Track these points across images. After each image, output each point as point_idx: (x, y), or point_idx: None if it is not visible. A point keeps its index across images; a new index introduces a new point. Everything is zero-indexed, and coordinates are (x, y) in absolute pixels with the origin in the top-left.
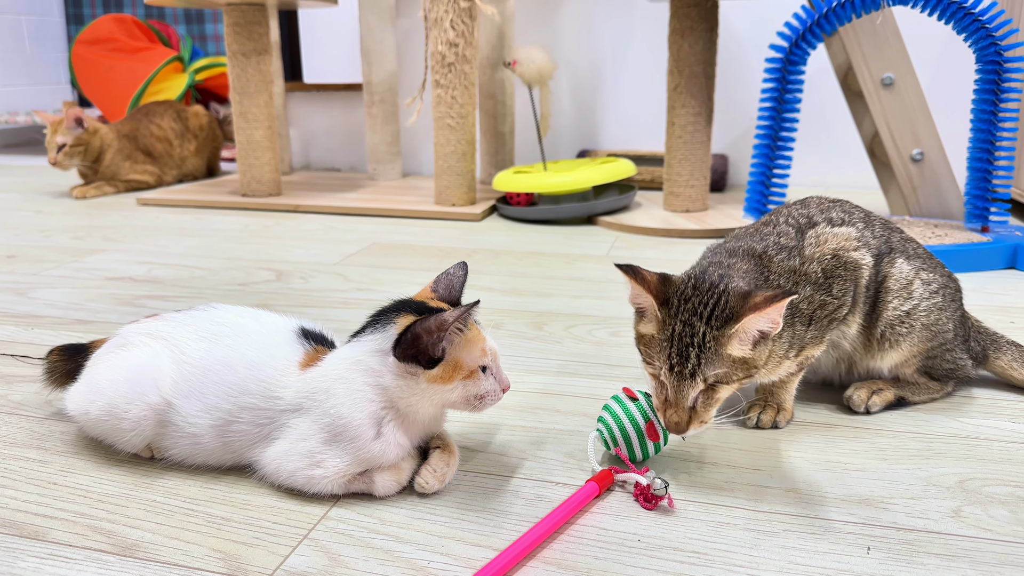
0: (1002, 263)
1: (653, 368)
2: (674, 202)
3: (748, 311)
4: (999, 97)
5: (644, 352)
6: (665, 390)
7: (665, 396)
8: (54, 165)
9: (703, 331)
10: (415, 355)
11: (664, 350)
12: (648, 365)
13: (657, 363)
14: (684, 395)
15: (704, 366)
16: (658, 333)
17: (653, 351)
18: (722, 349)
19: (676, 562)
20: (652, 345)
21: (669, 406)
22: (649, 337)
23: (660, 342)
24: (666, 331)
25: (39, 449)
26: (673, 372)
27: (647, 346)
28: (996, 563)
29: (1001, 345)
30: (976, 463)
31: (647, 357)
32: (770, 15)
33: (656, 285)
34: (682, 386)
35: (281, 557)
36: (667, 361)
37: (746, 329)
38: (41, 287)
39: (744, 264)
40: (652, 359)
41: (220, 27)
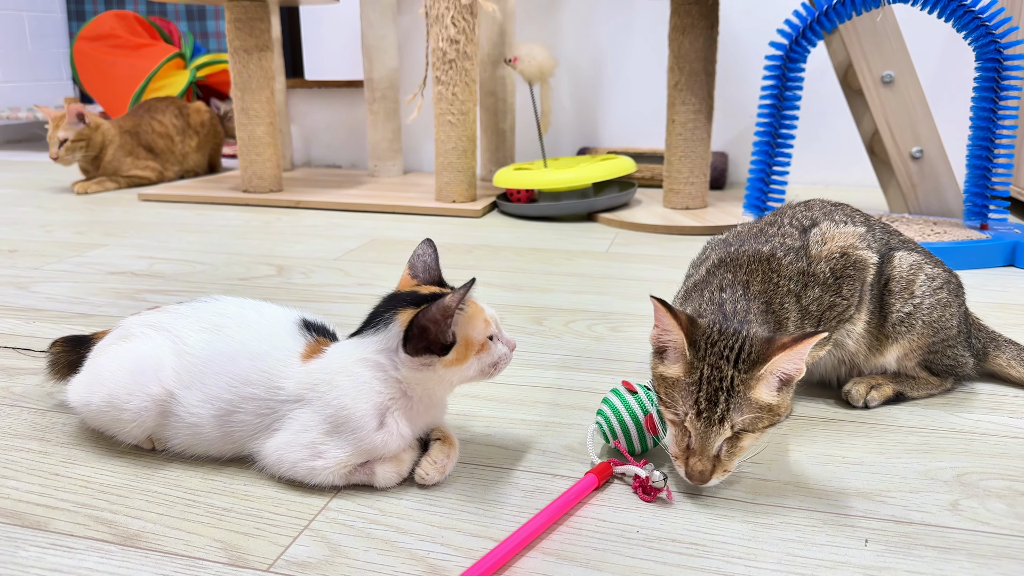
0: (1001, 260)
1: (675, 413)
2: (674, 199)
3: (776, 351)
4: (999, 95)
5: (665, 395)
6: (687, 437)
7: (687, 443)
8: (55, 160)
9: (731, 375)
10: (427, 346)
11: (691, 394)
12: (668, 409)
13: (681, 408)
14: (711, 443)
15: (732, 411)
16: (685, 376)
17: (677, 395)
18: (750, 393)
19: (674, 553)
20: (676, 388)
21: (693, 454)
22: (673, 380)
23: (687, 386)
24: (694, 374)
25: (41, 440)
26: (701, 418)
27: (669, 389)
28: (993, 556)
29: (1000, 343)
30: (974, 457)
31: (668, 401)
32: (770, 13)
33: (687, 324)
34: (709, 433)
35: (282, 547)
36: (694, 406)
37: (773, 371)
38: (43, 281)
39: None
40: (675, 403)
41: (222, 24)
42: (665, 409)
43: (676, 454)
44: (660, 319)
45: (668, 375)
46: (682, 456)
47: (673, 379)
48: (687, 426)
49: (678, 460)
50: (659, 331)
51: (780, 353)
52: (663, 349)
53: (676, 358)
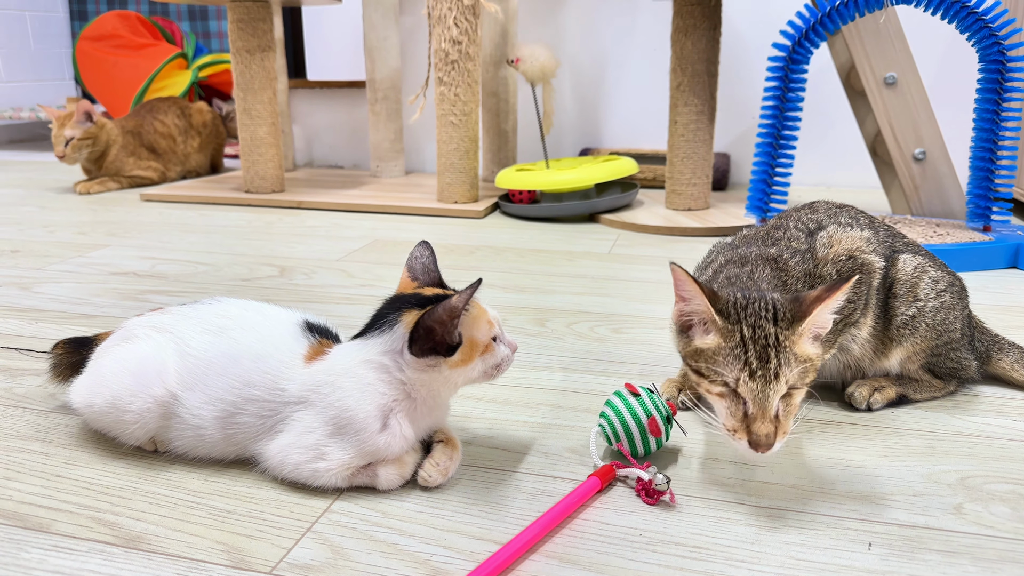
0: (1004, 262)
1: (723, 382)
2: (676, 200)
3: (814, 304)
4: (1002, 96)
5: (706, 369)
6: (742, 404)
7: (744, 411)
8: (61, 159)
9: (774, 332)
10: (433, 347)
11: (738, 357)
12: (712, 383)
13: (731, 374)
14: (770, 402)
15: (784, 367)
16: (724, 341)
17: (721, 363)
18: (795, 348)
19: (678, 556)
20: (718, 356)
21: (754, 420)
22: (712, 350)
23: (730, 350)
24: (733, 337)
25: (43, 442)
26: (756, 377)
27: (709, 361)
28: (997, 560)
29: (1003, 346)
30: (978, 460)
31: (711, 373)
32: (773, 14)
33: (709, 291)
34: (767, 392)
35: (284, 550)
36: (745, 367)
37: (814, 323)
38: (45, 282)
39: (765, 271)
40: (721, 372)
41: (224, 24)
42: (709, 383)
43: (734, 427)
44: (681, 286)
45: (704, 346)
46: (741, 426)
47: (712, 349)
48: (741, 391)
49: (737, 432)
50: (681, 303)
51: (818, 306)
52: (688, 325)
53: (707, 328)
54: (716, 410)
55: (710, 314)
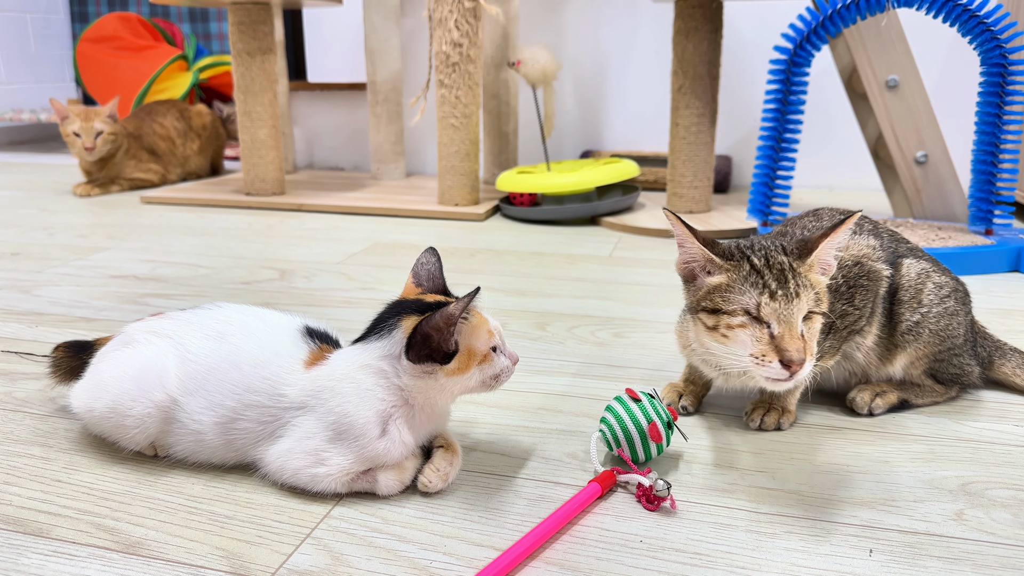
0: (1006, 266)
1: (742, 310)
2: (678, 203)
3: (820, 239)
4: (1003, 100)
5: (723, 301)
6: (765, 328)
7: (769, 334)
8: (90, 150)
9: (787, 260)
10: (429, 354)
11: (755, 284)
12: (732, 315)
13: (750, 299)
14: (795, 319)
15: (801, 288)
16: (735, 273)
17: (737, 290)
18: (808, 275)
19: (678, 563)
20: (733, 286)
21: (782, 337)
22: (724, 284)
23: (743, 278)
24: (743, 267)
25: (43, 446)
26: (776, 297)
27: (724, 293)
28: (998, 566)
29: (1006, 352)
30: (979, 466)
31: (727, 304)
32: (775, 16)
33: (704, 238)
34: (791, 308)
35: (284, 556)
36: (764, 290)
37: (820, 259)
38: (45, 284)
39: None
40: (739, 299)
41: (224, 26)
42: (729, 317)
43: (762, 351)
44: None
45: (715, 282)
46: (769, 346)
47: (724, 282)
48: (763, 313)
49: (767, 356)
50: (680, 250)
51: (824, 241)
52: (692, 273)
53: (711, 268)
54: (735, 349)
55: (706, 255)
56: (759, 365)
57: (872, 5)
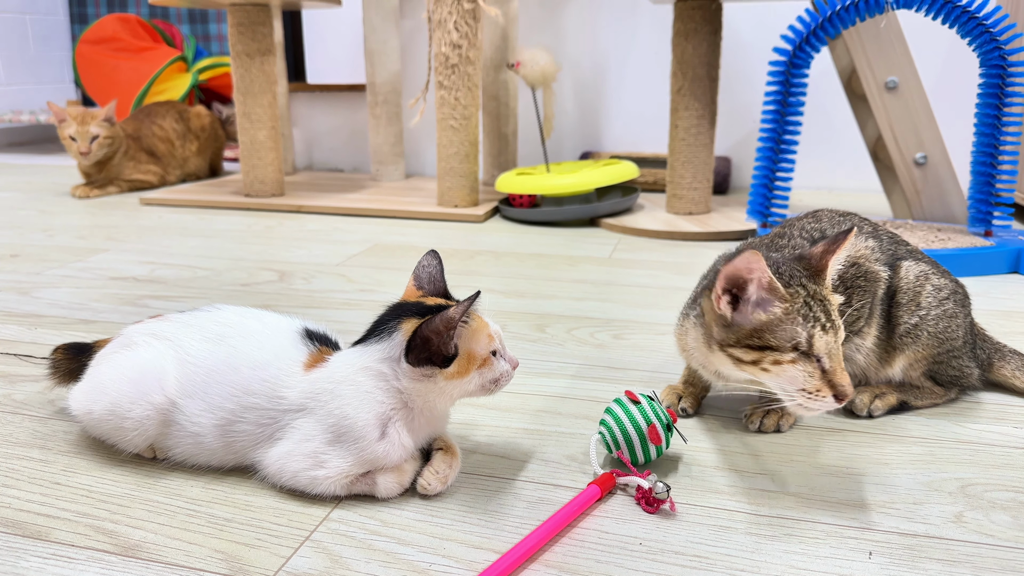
0: (1005, 267)
1: (792, 347)
2: (677, 204)
3: (825, 256)
4: (1003, 101)
5: (774, 339)
6: (817, 362)
7: (821, 368)
8: (85, 155)
9: (815, 288)
10: (428, 357)
11: (806, 316)
12: (782, 351)
13: (802, 333)
14: (841, 352)
15: (837, 317)
16: (791, 303)
17: (788, 327)
18: (832, 299)
19: (677, 566)
20: (785, 322)
21: (834, 372)
22: (776, 318)
23: (797, 310)
24: (797, 299)
25: (42, 449)
26: (827, 331)
27: (775, 330)
28: (998, 568)
29: (1005, 354)
30: (978, 468)
31: (778, 342)
32: (774, 18)
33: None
34: (837, 340)
35: (283, 558)
36: (815, 324)
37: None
38: (44, 287)
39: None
40: (791, 335)
41: (224, 27)
42: (778, 354)
43: (816, 386)
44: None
45: (768, 317)
46: (823, 382)
47: (778, 317)
48: (815, 347)
49: (820, 392)
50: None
51: (830, 258)
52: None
53: (765, 301)
54: (780, 383)
55: (774, 283)
56: (812, 399)
57: (871, 6)
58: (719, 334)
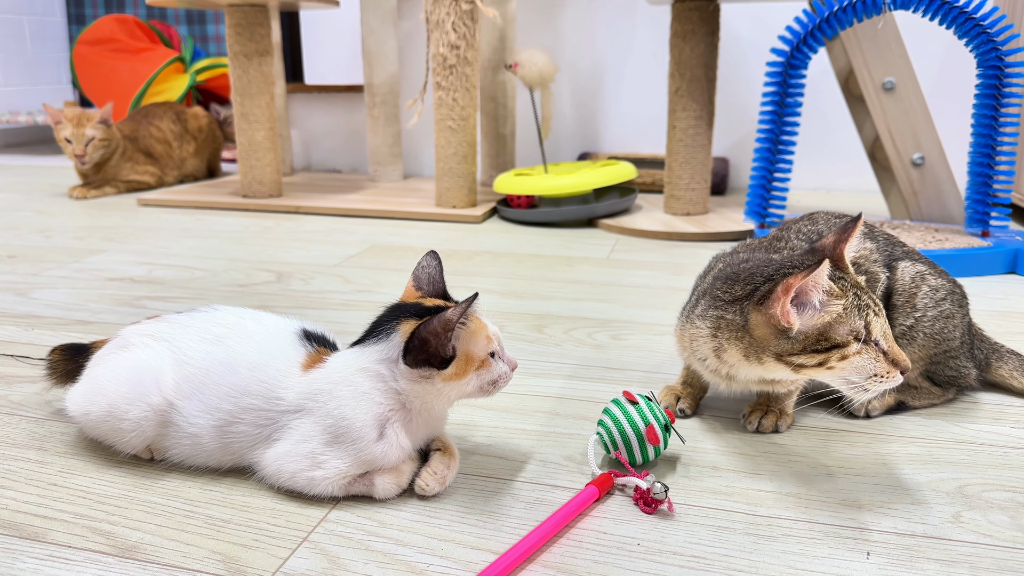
0: (1003, 268)
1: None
2: (675, 205)
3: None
4: (1000, 102)
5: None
6: (876, 346)
7: (882, 350)
8: (81, 157)
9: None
10: (426, 359)
11: (859, 307)
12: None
13: (860, 322)
14: (889, 328)
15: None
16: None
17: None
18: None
19: (676, 566)
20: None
21: (894, 351)
22: (839, 315)
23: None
24: (848, 294)
25: (39, 450)
26: (878, 314)
27: (838, 326)
28: (996, 568)
29: (1003, 354)
30: (976, 468)
31: (843, 338)
32: (772, 19)
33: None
34: (885, 320)
35: (281, 559)
36: (869, 310)
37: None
38: (41, 287)
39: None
40: (853, 328)
41: (222, 28)
42: (844, 350)
43: (886, 369)
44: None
45: (832, 315)
46: (887, 362)
47: (840, 313)
48: (873, 332)
49: (890, 373)
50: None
51: (843, 246)
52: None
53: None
54: (848, 376)
55: (831, 286)
56: (881, 383)
57: (869, 7)
58: (778, 346)
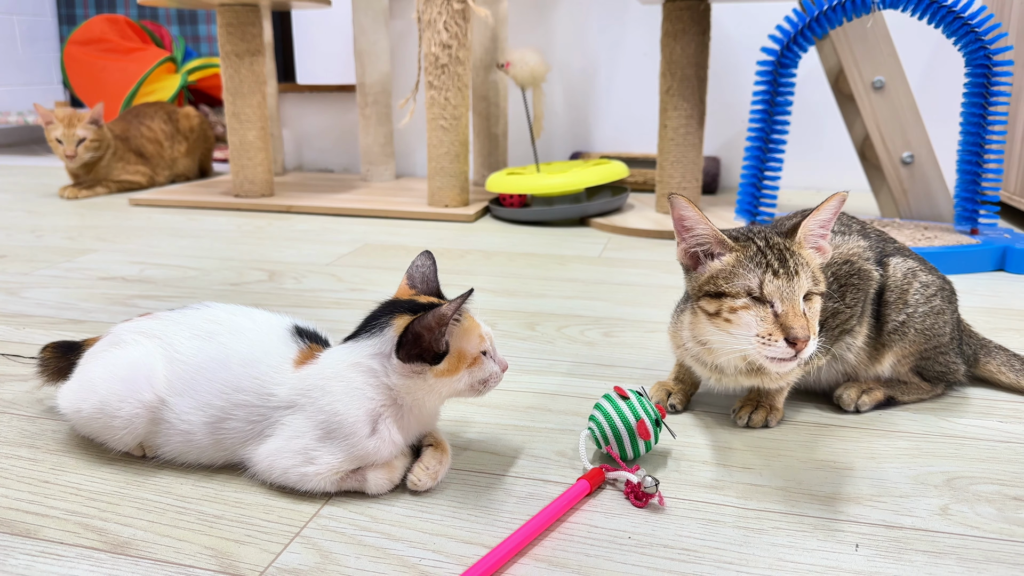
0: (991, 265)
1: (745, 291)
2: (666, 204)
3: (807, 214)
4: (988, 100)
5: (726, 285)
6: (769, 307)
7: (773, 314)
8: (71, 158)
9: (783, 241)
10: (419, 354)
11: (758, 264)
12: (734, 298)
13: (754, 279)
14: (796, 297)
15: (800, 267)
16: (742, 253)
17: (740, 273)
18: (802, 253)
19: (666, 559)
20: (737, 268)
21: (786, 315)
22: (729, 266)
23: (749, 258)
24: (749, 249)
25: (30, 447)
26: (779, 275)
27: (728, 276)
28: (983, 560)
29: (991, 350)
30: (964, 462)
31: (731, 288)
32: (762, 18)
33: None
34: (793, 287)
35: (273, 554)
36: (767, 269)
37: (808, 233)
38: (32, 287)
39: None
40: (743, 279)
41: (213, 28)
42: (732, 300)
43: (768, 330)
44: (682, 212)
45: (721, 265)
46: (774, 325)
47: (730, 265)
48: (766, 291)
49: (772, 335)
50: (685, 234)
51: (809, 217)
52: (695, 259)
53: (717, 253)
54: (738, 332)
55: (717, 235)
56: (765, 345)
57: (858, 6)
58: (688, 285)
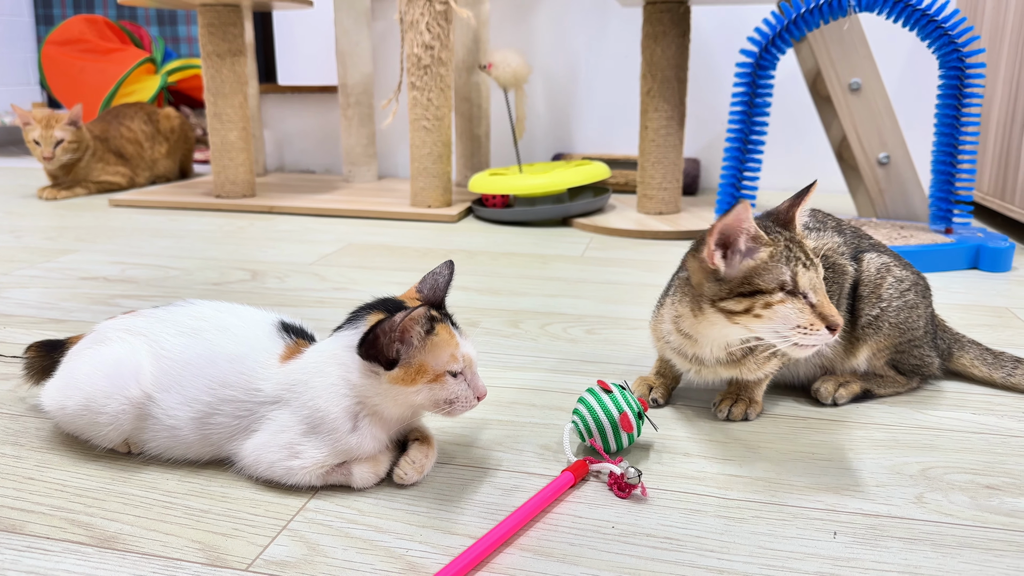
0: (965, 263)
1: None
2: (647, 204)
3: (791, 209)
4: (961, 102)
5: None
6: (804, 298)
7: (810, 303)
8: (48, 160)
9: (791, 235)
10: (375, 355)
11: (788, 258)
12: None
13: (787, 273)
14: (823, 286)
15: (816, 257)
16: (775, 248)
17: (774, 268)
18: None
19: (649, 547)
20: (771, 264)
21: (823, 305)
22: (763, 263)
23: (780, 252)
24: (779, 244)
25: (14, 445)
26: (809, 267)
27: (762, 273)
28: (956, 545)
29: (964, 344)
30: (938, 452)
31: (767, 284)
32: (741, 21)
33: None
34: (819, 276)
35: (260, 547)
36: (798, 263)
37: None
38: (12, 287)
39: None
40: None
41: (193, 28)
42: (768, 296)
43: (810, 320)
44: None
45: (756, 262)
46: (814, 315)
47: (764, 261)
48: (800, 283)
49: (814, 325)
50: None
51: (795, 211)
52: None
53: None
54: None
55: (758, 232)
56: (807, 334)
57: (835, 9)
58: (711, 290)
